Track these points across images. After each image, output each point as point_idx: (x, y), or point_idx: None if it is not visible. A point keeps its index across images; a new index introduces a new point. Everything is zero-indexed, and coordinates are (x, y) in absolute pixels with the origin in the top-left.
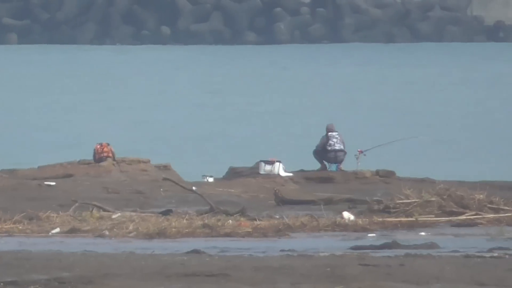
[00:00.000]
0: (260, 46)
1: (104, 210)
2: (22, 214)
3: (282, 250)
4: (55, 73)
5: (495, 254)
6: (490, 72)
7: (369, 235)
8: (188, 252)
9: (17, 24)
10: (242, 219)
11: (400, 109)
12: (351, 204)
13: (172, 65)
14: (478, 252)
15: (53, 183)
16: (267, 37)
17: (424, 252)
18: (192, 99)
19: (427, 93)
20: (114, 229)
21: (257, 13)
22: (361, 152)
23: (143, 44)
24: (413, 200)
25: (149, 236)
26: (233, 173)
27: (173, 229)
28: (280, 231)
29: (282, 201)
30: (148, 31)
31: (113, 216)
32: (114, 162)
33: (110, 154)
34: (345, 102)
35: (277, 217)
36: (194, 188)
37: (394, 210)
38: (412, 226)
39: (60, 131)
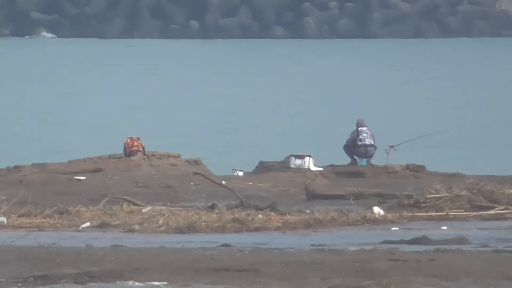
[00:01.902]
0: (288, 40)
1: (134, 204)
2: (52, 209)
3: (312, 245)
4: (84, 67)
5: None
6: None
7: (392, 228)
8: (218, 247)
9: (45, 18)
10: (272, 213)
11: (429, 103)
12: (381, 199)
13: (201, 59)
14: (508, 246)
15: (83, 178)
16: (296, 31)
17: (454, 247)
18: (221, 94)
19: (455, 87)
20: (144, 224)
21: (286, 8)
22: (392, 146)
23: (171, 38)
24: (443, 195)
25: (179, 230)
26: (263, 167)
27: (203, 224)
28: (311, 226)
29: (312, 196)
30: (177, 25)
31: (143, 210)
32: (145, 157)
33: (141, 148)
34: (375, 97)
35: (308, 211)
36: (224, 182)
37: (424, 205)
38: (442, 220)
39: (90, 125)
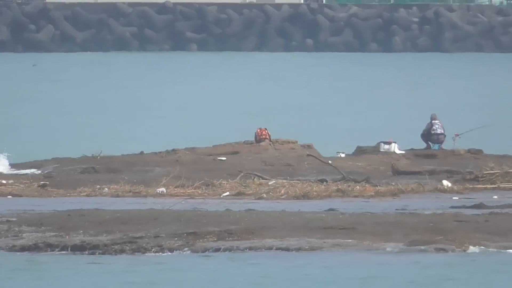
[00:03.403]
0: (380, 53)
1: (263, 178)
2: (200, 182)
3: (397, 209)
4: (226, 75)
5: None
6: None
7: (454, 198)
8: (325, 211)
9: (196, 37)
10: (366, 185)
11: (486, 104)
12: (449, 174)
13: (314, 68)
14: None
15: (224, 158)
16: (386, 47)
17: (504, 211)
18: (330, 93)
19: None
20: (270, 193)
21: (379, 29)
22: (457, 135)
23: (291, 51)
24: (496, 171)
25: (296, 198)
26: (360, 151)
27: (315, 193)
28: (395, 195)
29: (397, 172)
30: (296, 42)
31: (269, 183)
32: (270, 143)
33: (267, 136)
34: (444, 97)
35: (393, 184)
36: (330, 162)
37: (481, 179)
38: (495, 191)
39: (230, 117)
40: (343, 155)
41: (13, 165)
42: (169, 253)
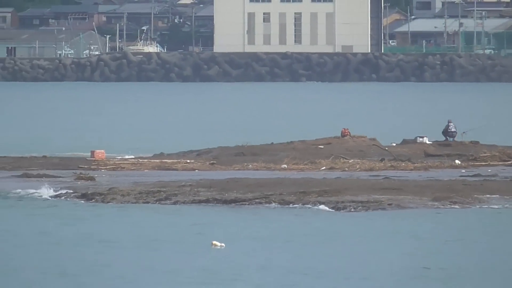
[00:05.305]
0: (417, 83)
1: (345, 158)
2: (307, 161)
3: (427, 177)
4: (324, 95)
5: None
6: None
7: (462, 171)
8: (382, 178)
9: (305, 73)
10: (409, 163)
11: (479, 111)
12: (459, 156)
13: (376, 91)
14: None
15: (322, 147)
16: (420, 79)
17: (492, 178)
18: (386, 107)
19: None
20: (350, 167)
21: (416, 68)
22: (464, 132)
23: (363, 82)
24: (487, 154)
25: (366, 171)
26: (405, 142)
27: (377, 167)
28: (426, 169)
29: (428, 155)
30: (366, 76)
31: (349, 161)
32: (350, 137)
33: (348, 133)
34: (455, 108)
35: (425, 162)
36: (386, 148)
37: (478, 159)
38: (487, 167)
39: (326, 120)
40: (394, 144)
41: (193, 151)
42: (289, 205)
